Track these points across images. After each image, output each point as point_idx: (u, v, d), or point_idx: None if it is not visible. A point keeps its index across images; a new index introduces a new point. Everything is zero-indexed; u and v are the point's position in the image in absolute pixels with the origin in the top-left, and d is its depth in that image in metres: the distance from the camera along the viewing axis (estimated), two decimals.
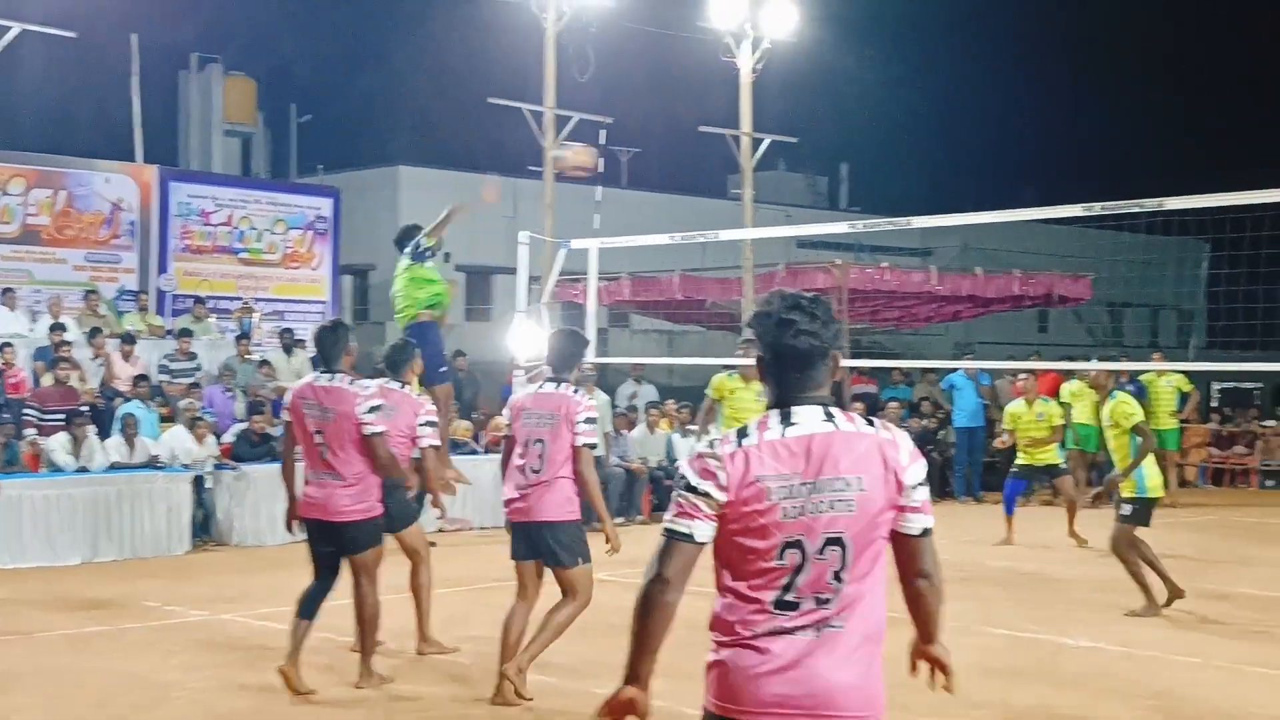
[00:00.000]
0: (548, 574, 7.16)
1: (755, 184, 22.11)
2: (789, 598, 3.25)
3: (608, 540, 7.05)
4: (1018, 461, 14.51)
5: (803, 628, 3.25)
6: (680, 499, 3.29)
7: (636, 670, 3.33)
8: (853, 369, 21.28)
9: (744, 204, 20.67)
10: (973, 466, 19.66)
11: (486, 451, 16.12)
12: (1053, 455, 14.53)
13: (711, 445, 3.33)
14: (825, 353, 3.33)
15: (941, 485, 19.50)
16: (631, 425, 17.08)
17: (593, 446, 7.01)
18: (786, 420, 3.29)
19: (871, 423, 3.36)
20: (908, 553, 3.39)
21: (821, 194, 42.76)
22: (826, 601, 3.25)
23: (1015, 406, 14.65)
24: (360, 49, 62.82)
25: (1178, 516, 17.14)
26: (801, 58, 21.83)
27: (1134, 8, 70.56)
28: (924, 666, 3.66)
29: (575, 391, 7.07)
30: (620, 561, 7.03)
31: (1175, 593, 9.92)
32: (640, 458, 16.50)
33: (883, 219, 14.23)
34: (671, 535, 3.29)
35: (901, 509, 3.33)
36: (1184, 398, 19.69)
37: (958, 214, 14.73)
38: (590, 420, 7.01)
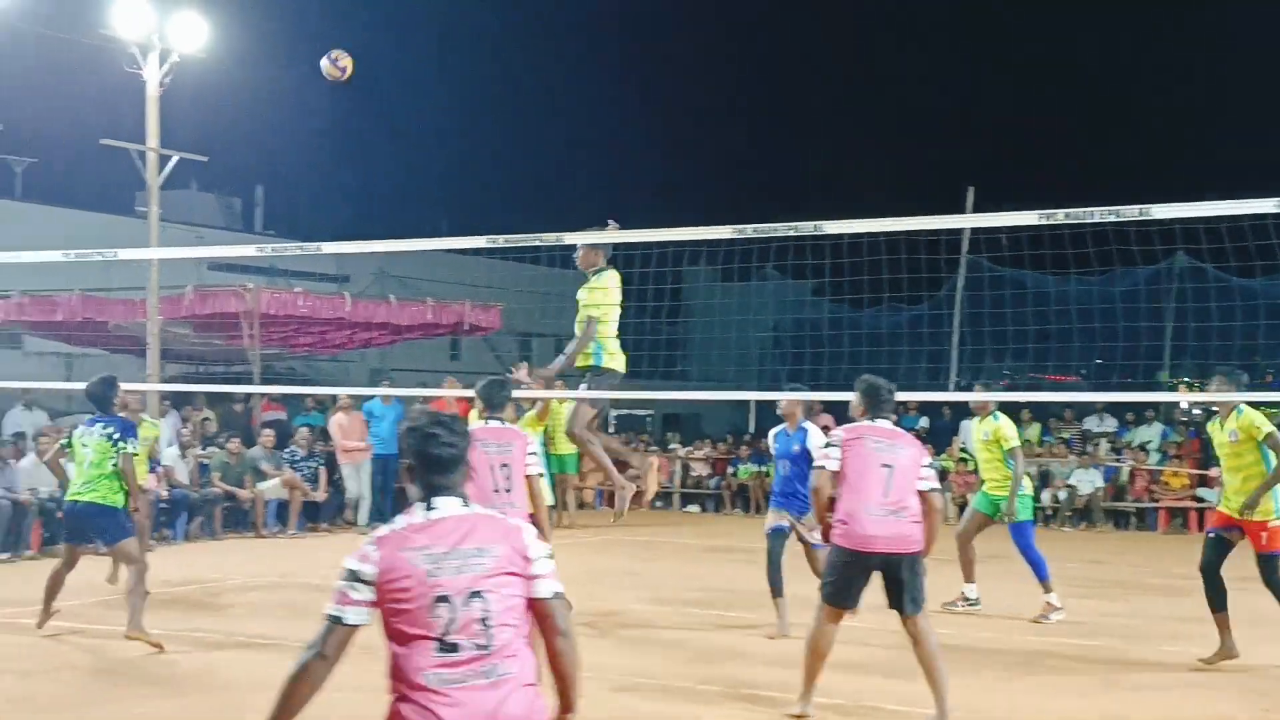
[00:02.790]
0: None
1: (164, 202, 21.20)
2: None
3: None
4: None
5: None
6: None
7: None
8: (263, 395, 20.90)
9: (150, 222, 19.76)
10: (386, 494, 19.83)
11: None
12: None
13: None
14: (463, 458, 4.13)
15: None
16: (20, 454, 15.88)
17: None
18: (430, 507, 4.09)
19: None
20: (540, 614, 4.09)
21: (236, 215, 41.73)
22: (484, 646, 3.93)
23: None
24: None
25: (577, 538, 18.07)
26: (214, 74, 21.17)
27: (539, 61, 74.19)
28: None
29: None
30: None
31: None
32: (30, 489, 15.37)
33: (293, 242, 14.02)
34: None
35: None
36: None
37: (371, 241, 14.76)
38: None
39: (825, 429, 23.60)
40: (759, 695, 8.29)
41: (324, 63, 10.94)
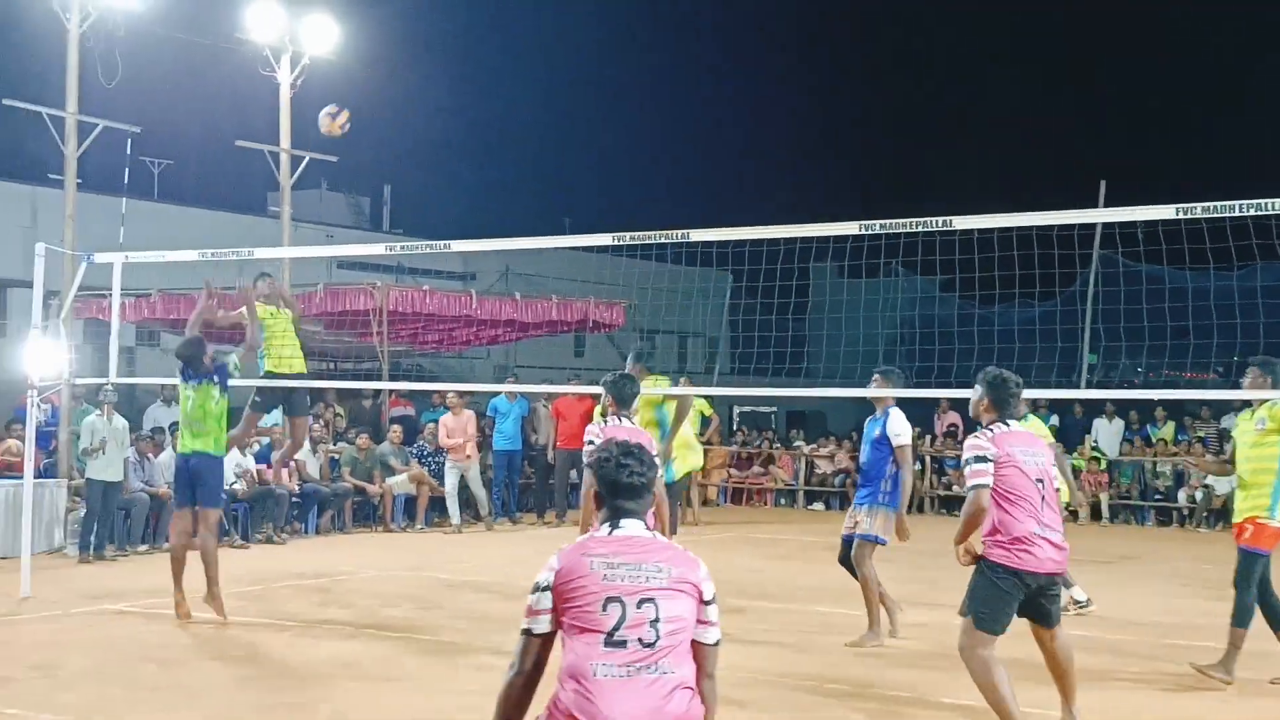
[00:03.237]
0: None
1: (296, 202, 21.63)
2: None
3: None
4: None
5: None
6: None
7: None
8: (391, 392, 21.20)
9: (282, 222, 20.17)
10: (510, 489, 20.02)
11: None
12: None
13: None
14: (649, 486, 4.39)
15: (478, 506, 19.70)
16: (159, 449, 16.30)
17: None
18: (615, 526, 4.32)
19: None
20: (696, 655, 4.27)
21: (364, 214, 42.45)
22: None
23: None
24: None
25: (700, 535, 18.06)
26: (344, 76, 21.55)
27: (661, 59, 74.23)
28: None
29: None
30: None
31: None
32: (168, 483, 15.78)
33: (422, 241, 14.20)
34: None
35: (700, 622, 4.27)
36: (705, 420, 20.78)
37: (497, 239, 14.91)
38: None
39: (952, 426, 23.25)
40: (886, 695, 8.22)
41: (323, 117, 11.11)
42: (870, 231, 10.23)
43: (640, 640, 4.10)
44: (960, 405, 21.82)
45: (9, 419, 17.01)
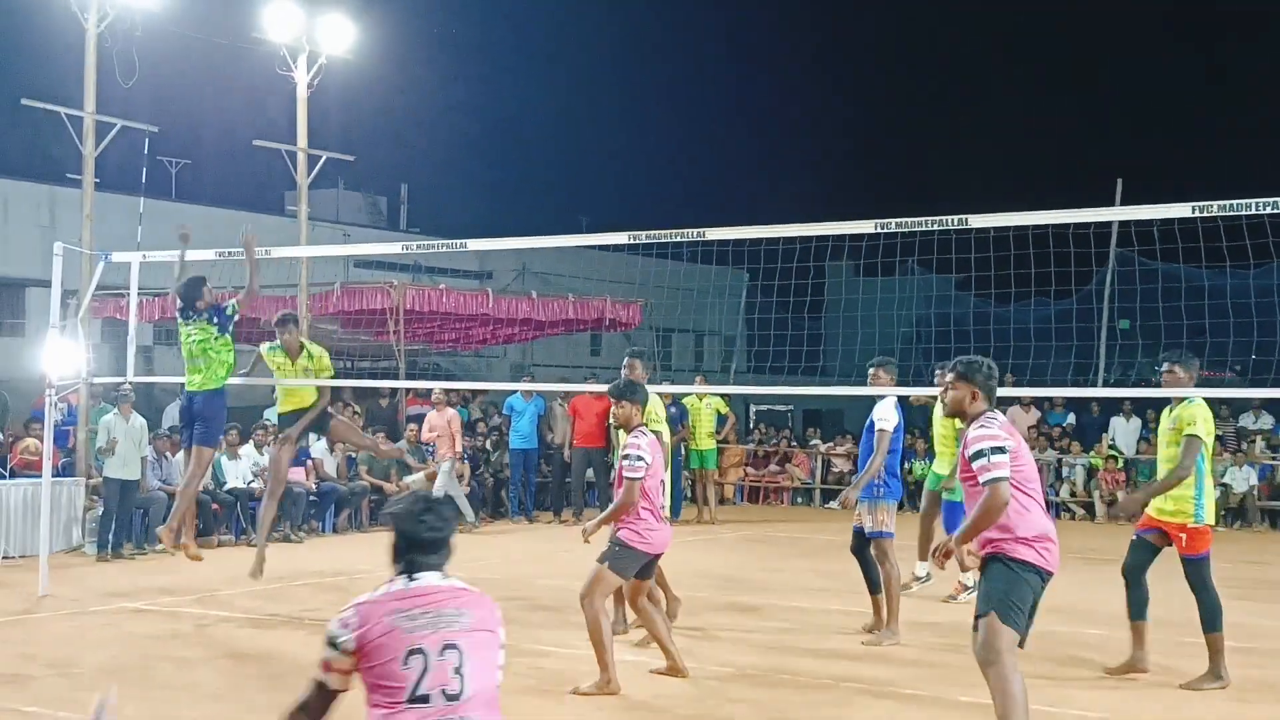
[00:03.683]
0: None
1: (313, 201, 21.66)
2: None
3: None
4: None
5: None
6: None
7: None
8: (408, 390, 21.25)
9: (300, 221, 20.21)
10: (526, 487, 20.03)
11: (13, 475, 15.19)
12: None
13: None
14: (447, 540, 4.30)
15: (495, 505, 19.76)
16: (177, 448, 16.34)
17: None
18: (412, 578, 4.22)
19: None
20: None
21: (381, 214, 42.51)
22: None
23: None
24: None
25: (717, 534, 18.05)
26: (360, 75, 21.60)
27: (676, 58, 74.23)
28: None
29: None
30: None
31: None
32: None
33: (438, 240, 14.19)
34: None
35: None
36: (722, 419, 20.77)
37: (514, 238, 14.91)
38: None
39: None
40: (903, 693, 8.21)
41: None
42: (886, 230, 10.21)
43: (444, 692, 4.04)
44: None
45: (27, 418, 17.09)
